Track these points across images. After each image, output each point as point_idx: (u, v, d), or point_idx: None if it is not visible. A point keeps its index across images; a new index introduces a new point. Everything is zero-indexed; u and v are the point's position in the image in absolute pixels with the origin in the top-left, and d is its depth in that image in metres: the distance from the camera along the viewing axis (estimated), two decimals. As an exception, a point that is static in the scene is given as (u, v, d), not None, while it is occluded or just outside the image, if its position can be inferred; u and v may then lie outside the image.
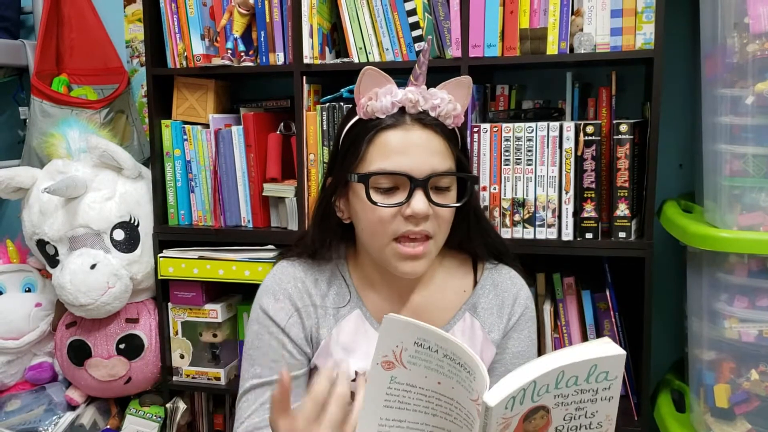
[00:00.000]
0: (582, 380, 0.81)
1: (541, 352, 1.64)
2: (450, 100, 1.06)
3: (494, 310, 1.18)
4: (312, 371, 1.18)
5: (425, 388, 0.87)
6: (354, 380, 1.13)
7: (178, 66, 1.82)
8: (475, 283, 1.20)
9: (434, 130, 1.05)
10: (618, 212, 1.55)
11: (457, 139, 1.09)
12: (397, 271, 1.08)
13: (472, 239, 1.17)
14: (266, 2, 1.73)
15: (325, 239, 1.15)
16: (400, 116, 1.04)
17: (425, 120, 1.04)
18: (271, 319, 1.13)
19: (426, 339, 0.84)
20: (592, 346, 0.82)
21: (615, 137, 1.53)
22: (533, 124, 1.56)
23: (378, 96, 1.04)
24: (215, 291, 1.90)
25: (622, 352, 0.82)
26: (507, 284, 1.20)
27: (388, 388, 0.87)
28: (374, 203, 1.03)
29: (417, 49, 1.63)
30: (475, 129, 1.59)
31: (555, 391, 0.80)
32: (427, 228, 1.05)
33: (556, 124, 1.55)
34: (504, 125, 1.58)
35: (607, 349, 0.82)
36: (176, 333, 1.89)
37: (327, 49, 1.75)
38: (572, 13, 1.55)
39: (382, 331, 0.84)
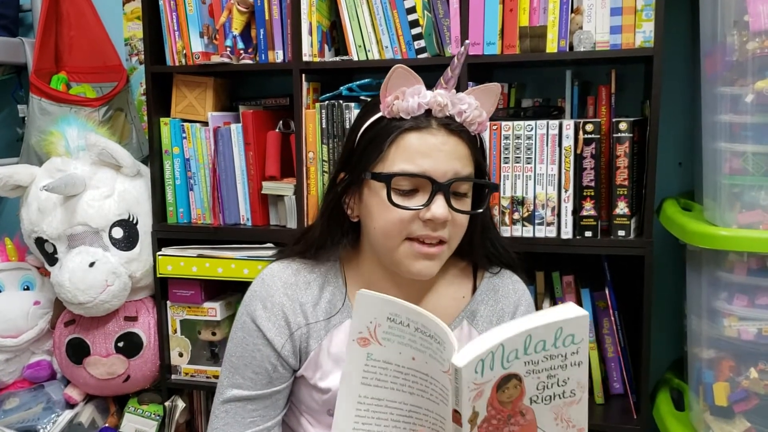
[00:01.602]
0: (550, 345, 0.82)
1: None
2: (477, 106, 1.04)
3: (493, 319, 1.16)
4: (298, 379, 1.16)
5: (400, 365, 0.88)
6: None
7: (177, 64, 1.82)
8: (474, 289, 1.18)
9: (459, 136, 1.03)
10: (617, 210, 1.55)
11: (477, 145, 1.07)
12: (409, 271, 1.05)
13: (474, 248, 1.14)
14: (265, 0, 1.72)
15: (335, 235, 1.12)
16: (426, 119, 1.02)
17: (451, 126, 1.02)
18: (259, 329, 1.11)
19: (398, 313, 0.85)
20: (555, 309, 0.84)
21: (614, 135, 1.53)
22: (533, 123, 1.56)
23: (405, 96, 1.02)
24: (214, 289, 1.89)
25: (585, 312, 0.83)
26: (508, 290, 1.18)
27: (365, 365, 0.88)
28: (396, 205, 1.01)
29: (416, 47, 1.63)
30: (475, 127, 1.59)
31: (525, 357, 0.81)
32: (444, 234, 1.03)
33: (556, 122, 1.55)
34: (503, 123, 1.57)
35: (569, 311, 0.83)
36: (175, 331, 1.89)
37: (326, 47, 1.75)
38: (572, 11, 1.55)
39: (357, 307, 0.85)
